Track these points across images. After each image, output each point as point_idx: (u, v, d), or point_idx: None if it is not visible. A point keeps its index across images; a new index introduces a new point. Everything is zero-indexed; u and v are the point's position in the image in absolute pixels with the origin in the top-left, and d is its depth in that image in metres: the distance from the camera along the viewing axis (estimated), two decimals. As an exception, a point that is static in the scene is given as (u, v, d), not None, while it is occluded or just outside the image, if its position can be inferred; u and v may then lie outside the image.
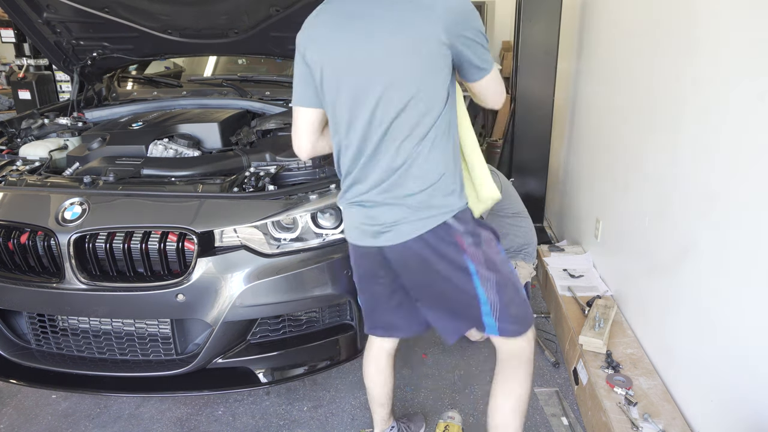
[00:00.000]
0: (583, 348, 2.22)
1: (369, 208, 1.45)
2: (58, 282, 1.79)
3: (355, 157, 1.42)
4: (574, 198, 3.43)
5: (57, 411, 2.18)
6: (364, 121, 1.36)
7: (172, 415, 2.16)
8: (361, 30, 1.32)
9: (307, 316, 1.99)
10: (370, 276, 1.60)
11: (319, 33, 1.39)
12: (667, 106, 2.09)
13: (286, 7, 2.21)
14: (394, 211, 1.42)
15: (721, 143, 1.70)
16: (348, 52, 1.34)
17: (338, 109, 1.40)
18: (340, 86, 1.37)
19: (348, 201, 1.49)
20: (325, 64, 1.38)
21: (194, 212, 1.79)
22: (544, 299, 3.06)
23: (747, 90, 1.56)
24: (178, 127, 2.31)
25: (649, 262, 2.21)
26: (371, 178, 1.41)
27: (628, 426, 1.80)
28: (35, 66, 5.75)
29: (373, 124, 1.36)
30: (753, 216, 1.52)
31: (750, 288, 1.54)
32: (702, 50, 1.84)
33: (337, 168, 1.52)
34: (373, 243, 1.48)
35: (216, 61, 3.30)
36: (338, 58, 1.35)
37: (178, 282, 1.76)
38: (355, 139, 1.40)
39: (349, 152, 1.43)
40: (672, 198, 2.01)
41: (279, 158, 2.07)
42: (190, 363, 1.85)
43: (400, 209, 1.41)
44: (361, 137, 1.39)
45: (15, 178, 2.00)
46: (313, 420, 2.13)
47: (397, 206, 1.41)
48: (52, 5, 2.38)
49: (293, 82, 1.48)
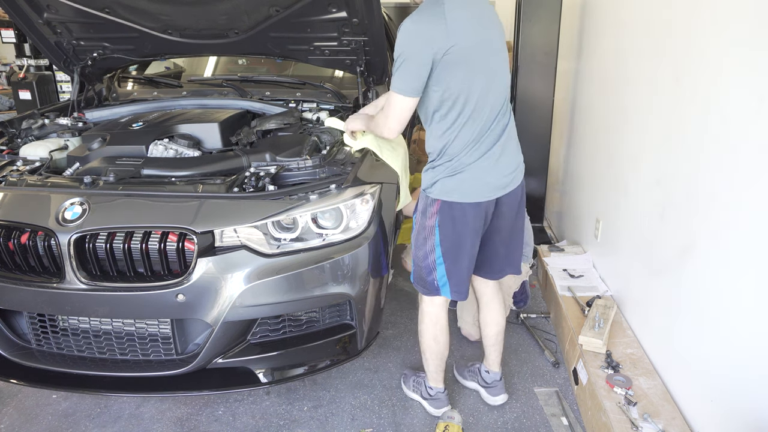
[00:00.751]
0: (583, 348, 2.22)
1: (496, 160, 1.79)
2: (59, 282, 1.79)
3: (485, 123, 1.75)
4: (574, 198, 3.43)
5: (57, 411, 2.18)
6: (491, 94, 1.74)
7: (173, 415, 2.16)
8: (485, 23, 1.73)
9: (307, 316, 1.99)
10: (473, 233, 1.87)
11: (457, 26, 1.64)
12: (668, 106, 2.09)
13: (286, 7, 2.21)
14: (515, 159, 1.86)
15: (721, 143, 1.70)
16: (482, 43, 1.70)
17: (473, 89, 1.70)
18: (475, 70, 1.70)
19: (468, 163, 1.76)
20: (465, 52, 1.65)
21: (194, 212, 1.79)
22: (544, 299, 3.06)
23: (747, 90, 1.57)
24: (179, 127, 2.31)
25: (649, 262, 2.21)
26: (492, 137, 1.78)
27: (627, 426, 1.80)
28: (36, 66, 5.75)
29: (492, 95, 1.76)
30: (753, 216, 1.52)
31: (750, 288, 1.54)
32: (702, 50, 1.84)
33: (447, 143, 1.76)
34: (495, 195, 1.84)
35: (216, 61, 3.30)
36: (474, 47, 1.67)
37: (178, 282, 1.76)
38: (486, 109, 1.74)
39: (479, 121, 1.74)
40: (672, 198, 2.01)
41: (279, 158, 2.07)
42: (190, 363, 1.85)
43: (515, 158, 1.86)
44: (490, 108, 1.75)
45: (15, 178, 2.00)
46: (313, 420, 2.14)
47: (513, 156, 1.85)
48: (52, 5, 2.39)
49: (403, 76, 1.66)
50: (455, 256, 1.88)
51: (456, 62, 1.65)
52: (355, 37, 2.37)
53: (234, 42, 2.51)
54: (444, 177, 1.80)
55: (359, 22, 2.25)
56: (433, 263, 1.91)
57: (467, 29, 1.65)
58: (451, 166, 1.79)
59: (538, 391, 2.29)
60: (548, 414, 2.16)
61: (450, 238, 1.86)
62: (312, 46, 2.51)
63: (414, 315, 2.88)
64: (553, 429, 2.08)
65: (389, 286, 2.25)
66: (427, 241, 1.90)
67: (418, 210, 1.94)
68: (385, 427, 2.10)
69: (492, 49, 1.74)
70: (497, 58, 1.77)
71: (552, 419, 2.13)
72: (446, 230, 1.85)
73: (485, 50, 1.72)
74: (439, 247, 1.87)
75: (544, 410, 2.18)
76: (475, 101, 1.71)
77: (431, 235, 1.88)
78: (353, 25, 2.29)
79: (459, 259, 1.89)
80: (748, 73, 1.56)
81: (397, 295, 3.08)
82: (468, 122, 1.73)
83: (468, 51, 1.66)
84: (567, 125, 3.64)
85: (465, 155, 1.77)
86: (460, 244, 1.87)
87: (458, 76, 1.67)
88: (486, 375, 2.24)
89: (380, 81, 2.69)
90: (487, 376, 2.23)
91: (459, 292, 1.94)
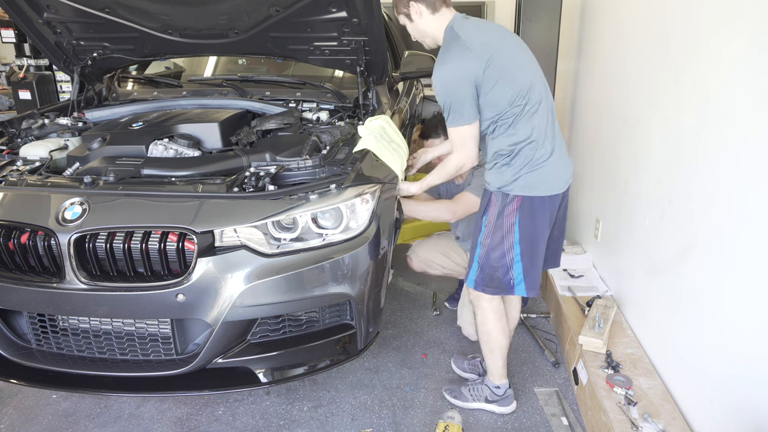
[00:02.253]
0: (583, 348, 2.22)
1: (564, 151, 1.94)
2: (59, 282, 1.79)
3: (547, 115, 1.88)
4: (574, 198, 3.43)
5: (57, 411, 2.18)
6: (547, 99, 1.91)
7: (173, 415, 2.16)
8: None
9: (307, 316, 1.99)
10: (549, 226, 1.96)
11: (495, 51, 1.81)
12: (668, 106, 2.09)
13: (286, 7, 2.20)
14: (568, 158, 1.98)
15: (721, 143, 1.70)
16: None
17: (528, 85, 1.83)
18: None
19: (546, 156, 1.86)
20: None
21: (194, 212, 1.79)
22: (544, 299, 3.06)
23: (748, 90, 1.57)
24: (179, 127, 2.31)
25: (649, 262, 2.21)
26: (557, 128, 1.93)
27: (628, 426, 1.80)
28: (35, 66, 5.75)
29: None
30: (752, 216, 1.52)
31: (750, 287, 1.54)
32: (702, 50, 1.84)
33: (523, 140, 1.85)
34: (567, 186, 1.96)
35: (216, 61, 3.30)
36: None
37: (178, 282, 1.76)
38: (544, 102, 1.88)
39: (543, 114, 1.87)
40: (672, 198, 2.01)
41: (279, 158, 2.07)
42: (190, 363, 1.85)
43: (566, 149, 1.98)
44: (546, 101, 1.89)
45: (15, 178, 2.00)
46: (313, 420, 2.14)
47: (565, 147, 1.97)
48: (52, 5, 2.38)
49: (459, 110, 1.83)
50: (532, 252, 1.94)
51: (500, 69, 1.80)
52: (355, 37, 2.36)
53: (234, 42, 2.51)
54: (525, 173, 1.87)
55: (359, 22, 2.25)
56: (511, 261, 1.94)
57: (491, 44, 1.82)
58: (532, 160, 1.86)
59: (538, 391, 2.29)
60: (548, 414, 2.16)
61: (528, 235, 1.91)
62: (312, 46, 2.51)
63: (414, 315, 2.89)
64: (553, 429, 2.08)
65: (389, 286, 2.24)
66: (505, 239, 1.93)
67: (489, 212, 1.97)
68: (385, 427, 2.10)
69: (518, 50, 1.89)
70: (525, 56, 1.91)
71: (552, 419, 2.13)
72: (526, 226, 1.90)
73: (514, 54, 1.87)
74: (518, 245, 1.92)
75: (544, 410, 2.18)
76: (536, 95, 1.85)
77: (510, 233, 1.91)
78: (353, 25, 2.29)
79: (535, 256, 1.96)
80: (749, 72, 1.56)
81: (397, 295, 3.08)
82: (536, 115, 1.85)
83: (502, 59, 1.81)
84: (567, 125, 3.64)
85: (541, 148, 1.86)
86: (538, 240, 1.94)
87: (510, 79, 1.81)
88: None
89: (380, 81, 2.69)
90: None
91: (533, 289, 1.98)
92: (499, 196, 1.92)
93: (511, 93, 1.81)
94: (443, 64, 1.82)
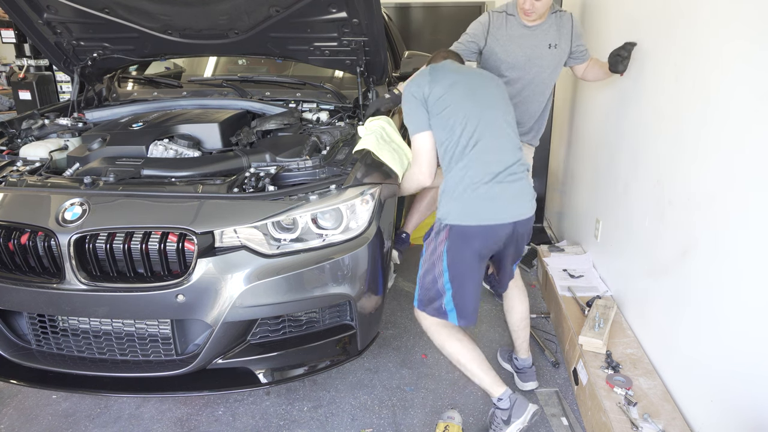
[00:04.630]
0: (583, 348, 2.22)
1: (504, 185, 1.88)
2: (59, 282, 1.79)
3: (486, 151, 1.91)
4: (574, 198, 3.43)
5: (57, 411, 2.18)
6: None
7: (173, 415, 2.16)
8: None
9: (307, 316, 1.99)
10: (480, 258, 1.91)
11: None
12: (667, 106, 2.09)
13: (286, 7, 2.21)
14: (526, 188, 1.94)
15: (721, 143, 1.70)
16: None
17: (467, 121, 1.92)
18: None
19: (472, 191, 1.86)
20: None
21: (194, 213, 1.79)
22: (544, 299, 3.06)
23: (748, 90, 1.57)
24: (179, 127, 2.31)
25: (649, 262, 2.21)
26: (498, 164, 1.90)
27: (628, 426, 1.80)
28: (36, 66, 5.75)
29: None
30: (752, 216, 1.52)
31: (749, 287, 1.54)
32: (702, 50, 1.84)
33: (456, 172, 1.89)
34: (507, 220, 1.88)
35: (216, 61, 3.30)
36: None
37: (178, 282, 1.76)
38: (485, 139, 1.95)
39: (479, 150, 1.90)
40: (672, 198, 2.01)
41: (279, 159, 2.07)
42: (190, 363, 1.85)
43: (526, 188, 1.95)
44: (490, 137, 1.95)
45: (15, 178, 2.00)
46: (313, 420, 2.14)
47: (523, 184, 1.94)
48: (52, 6, 2.38)
49: (409, 119, 2.02)
50: (462, 282, 1.91)
51: (443, 102, 1.94)
52: (355, 38, 2.37)
53: (234, 42, 2.51)
54: (453, 201, 1.88)
55: (359, 23, 2.25)
56: (441, 287, 1.93)
57: (447, 79, 1.99)
58: (459, 191, 1.87)
59: (538, 391, 2.30)
60: (548, 414, 2.16)
61: (457, 264, 1.89)
62: (312, 46, 2.51)
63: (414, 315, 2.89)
64: (553, 429, 2.08)
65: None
66: (436, 265, 1.93)
67: (429, 235, 1.99)
68: (385, 427, 2.10)
69: (476, 86, 2.02)
70: (484, 92, 2.01)
71: (552, 419, 2.13)
72: (454, 255, 1.89)
73: (468, 88, 1.98)
74: (447, 272, 1.91)
75: (544, 410, 2.18)
76: (474, 135, 1.89)
77: (440, 260, 1.91)
78: (353, 26, 2.29)
79: (465, 286, 1.91)
80: (749, 72, 1.56)
81: (397, 295, 3.08)
82: (468, 150, 1.89)
83: (450, 93, 1.95)
84: (567, 125, 3.64)
85: (470, 181, 1.86)
86: (466, 271, 1.90)
87: (448, 111, 1.93)
88: (516, 361, 2.34)
89: (380, 81, 2.70)
90: (517, 362, 2.33)
91: (465, 318, 1.94)
92: (437, 222, 1.95)
93: (446, 128, 1.92)
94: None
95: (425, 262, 2.00)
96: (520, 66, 2.62)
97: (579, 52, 2.65)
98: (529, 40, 2.59)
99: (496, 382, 1.94)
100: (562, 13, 2.62)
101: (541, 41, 2.59)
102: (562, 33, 2.60)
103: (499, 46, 2.60)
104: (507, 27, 2.60)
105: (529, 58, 2.60)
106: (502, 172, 1.87)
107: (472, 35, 2.65)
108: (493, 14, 2.64)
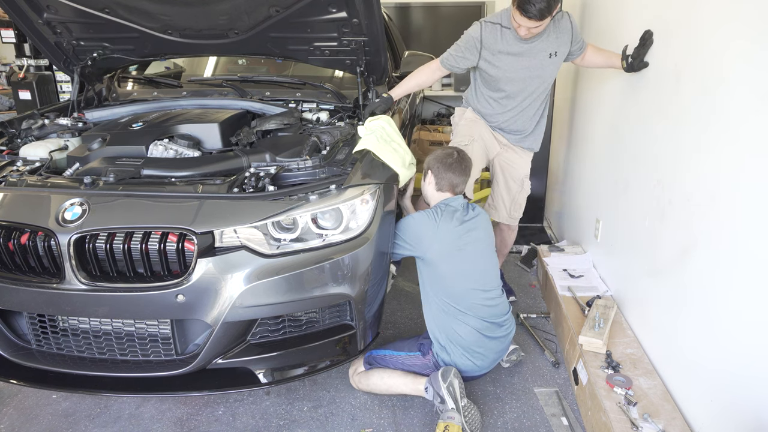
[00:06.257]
0: (583, 348, 2.22)
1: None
2: (59, 282, 1.79)
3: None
4: (574, 198, 3.43)
5: (57, 411, 2.18)
6: None
7: (173, 415, 2.16)
8: None
9: (307, 316, 1.99)
10: None
11: None
12: (667, 106, 2.09)
13: (286, 7, 2.21)
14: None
15: (722, 143, 1.70)
16: None
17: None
18: None
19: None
20: None
21: (194, 213, 1.79)
22: (544, 299, 3.06)
23: (748, 90, 1.57)
24: (179, 127, 2.31)
25: (649, 262, 2.21)
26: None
27: (628, 426, 1.80)
28: (35, 66, 5.74)
29: None
30: (753, 216, 1.52)
31: (749, 288, 1.54)
32: (703, 49, 1.84)
33: None
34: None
35: (216, 61, 3.30)
36: None
37: (178, 282, 1.76)
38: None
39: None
40: (672, 198, 2.01)
41: (279, 159, 2.07)
42: (190, 363, 1.85)
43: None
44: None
45: (15, 178, 2.00)
46: (313, 420, 2.14)
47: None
48: (52, 6, 2.38)
49: None
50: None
51: (443, 263, 2.16)
52: (355, 38, 2.37)
53: (234, 42, 2.51)
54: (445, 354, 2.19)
55: (359, 23, 2.25)
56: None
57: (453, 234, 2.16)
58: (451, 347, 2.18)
59: (538, 391, 2.30)
60: (548, 414, 2.16)
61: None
62: (312, 46, 2.51)
63: (414, 315, 2.89)
64: (553, 429, 2.08)
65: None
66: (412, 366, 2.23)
67: (423, 349, 2.23)
68: (385, 427, 2.10)
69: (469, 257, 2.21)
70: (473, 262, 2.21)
71: (552, 419, 2.13)
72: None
73: (462, 260, 2.18)
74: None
75: (544, 410, 2.18)
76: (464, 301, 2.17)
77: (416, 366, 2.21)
78: (353, 25, 2.29)
79: None
80: (749, 72, 1.56)
81: (397, 295, 3.08)
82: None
83: (448, 261, 2.16)
84: (567, 125, 3.64)
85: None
86: None
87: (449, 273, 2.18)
88: None
89: (380, 81, 2.70)
90: None
91: None
92: (433, 356, 2.21)
93: (443, 283, 2.17)
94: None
95: (406, 364, 2.22)
96: (520, 80, 2.52)
97: (577, 49, 2.58)
98: (528, 55, 2.47)
99: (416, 379, 2.16)
100: (560, 16, 2.48)
101: (540, 53, 2.47)
102: (561, 39, 2.49)
103: (496, 61, 2.49)
104: (503, 42, 2.45)
105: (529, 72, 2.50)
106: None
107: (464, 49, 2.51)
108: (486, 26, 2.46)
